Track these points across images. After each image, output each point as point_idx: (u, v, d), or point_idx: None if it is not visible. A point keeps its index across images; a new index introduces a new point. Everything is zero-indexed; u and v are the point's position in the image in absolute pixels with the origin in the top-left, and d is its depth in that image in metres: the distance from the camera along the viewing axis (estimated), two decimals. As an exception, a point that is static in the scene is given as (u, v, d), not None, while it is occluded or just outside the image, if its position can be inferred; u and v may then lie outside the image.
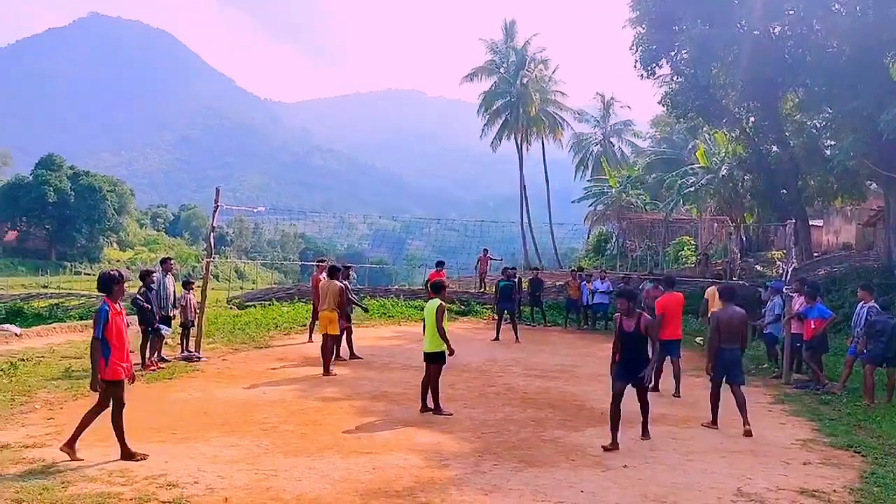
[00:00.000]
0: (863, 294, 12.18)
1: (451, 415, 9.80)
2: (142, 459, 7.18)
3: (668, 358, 11.84)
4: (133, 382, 7.67)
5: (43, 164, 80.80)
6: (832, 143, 25.72)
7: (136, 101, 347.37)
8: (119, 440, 7.26)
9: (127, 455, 7.20)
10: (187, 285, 14.64)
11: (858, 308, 12.12)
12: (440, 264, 22.00)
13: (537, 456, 7.96)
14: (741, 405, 9.30)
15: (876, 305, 12.04)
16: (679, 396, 11.69)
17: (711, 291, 15.93)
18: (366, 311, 17.38)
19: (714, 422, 9.65)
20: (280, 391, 11.20)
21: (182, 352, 14.07)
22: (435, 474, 7.17)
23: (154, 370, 12.36)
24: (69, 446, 7.19)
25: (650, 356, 8.61)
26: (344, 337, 14.54)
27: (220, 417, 9.31)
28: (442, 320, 9.88)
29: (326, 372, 12.67)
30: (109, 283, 7.31)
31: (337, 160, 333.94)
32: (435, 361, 9.94)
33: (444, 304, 10.11)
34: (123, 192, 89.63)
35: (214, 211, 14.84)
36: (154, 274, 13.53)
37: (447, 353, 9.93)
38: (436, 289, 10.46)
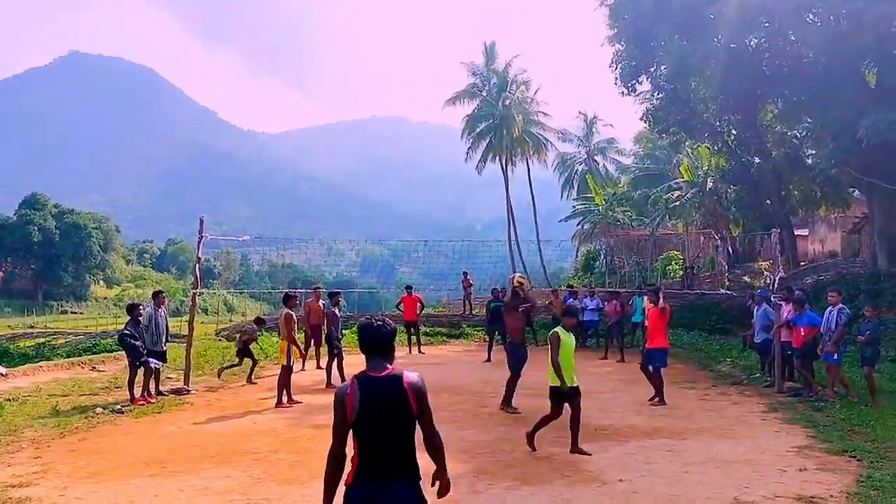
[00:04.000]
0: (833, 297, 12.42)
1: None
2: None
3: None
4: None
5: (27, 203, 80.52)
6: (813, 151, 26.00)
7: (119, 138, 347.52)
8: None
9: None
10: (260, 322, 15.33)
11: (827, 312, 12.26)
12: (409, 289, 21.97)
13: (532, 474, 7.88)
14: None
15: (845, 307, 12.29)
16: (663, 403, 11.90)
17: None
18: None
19: (508, 403, 11.64)
20: (271, 420, 11.08)
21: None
22: (430, 498, 7.06)
23: (143, 405, 12.20)
24: None
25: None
26: (335, 363, 14.44)
27: (211, 449, 9.18)
28: (554, 352, 8.57)
29: (279, 403, 12.18)
30: None
31: (323, 189, 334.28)
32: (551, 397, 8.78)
33: (557, 332, 8.76)
34: (109, 228, 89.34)
35: (199, 241, 14.77)
36: (142, 308, 13.43)
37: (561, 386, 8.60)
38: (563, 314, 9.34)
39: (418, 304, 21.69)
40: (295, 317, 12.83)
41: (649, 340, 12.29)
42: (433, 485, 4.14)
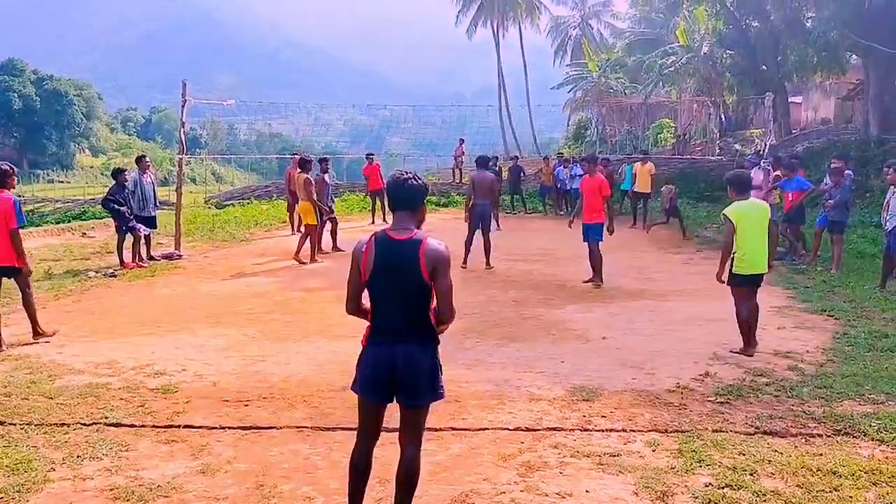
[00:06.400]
0: (837, 164, 12.05)
1: None
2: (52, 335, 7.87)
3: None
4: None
5: (4, 69, 77.77)
6: (813, 14, 25.19)
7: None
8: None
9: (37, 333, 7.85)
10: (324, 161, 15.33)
11: (827, 177, 12.15)
12: (370, 156, 21.49)
13: (519, 332, 8.11)
14: (487, 250, 12.32)
15: (850, 173, 12.13)
16: (601, 283, 10.79)
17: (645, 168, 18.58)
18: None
19: (465, 263, 12.17)
20: (264, 283, 11.26)
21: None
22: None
23: (133, 268, 12.30)
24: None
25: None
26: (328, 228, 14.51)
27: (205, 310, 9.35)
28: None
29: (313, 258, 13.05)
30: (4, 177, 7.54)
31: (309, 55, 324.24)
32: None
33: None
34: (91, 95, 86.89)
35: (183, 105, 14.43)
36: (127, 173, 13.29)
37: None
38: (737, 184, 7.37)
39: (379, 173, 21.02)
40: (312, 180, 13.38)
41: (586, 214, 10.81)
42: None
